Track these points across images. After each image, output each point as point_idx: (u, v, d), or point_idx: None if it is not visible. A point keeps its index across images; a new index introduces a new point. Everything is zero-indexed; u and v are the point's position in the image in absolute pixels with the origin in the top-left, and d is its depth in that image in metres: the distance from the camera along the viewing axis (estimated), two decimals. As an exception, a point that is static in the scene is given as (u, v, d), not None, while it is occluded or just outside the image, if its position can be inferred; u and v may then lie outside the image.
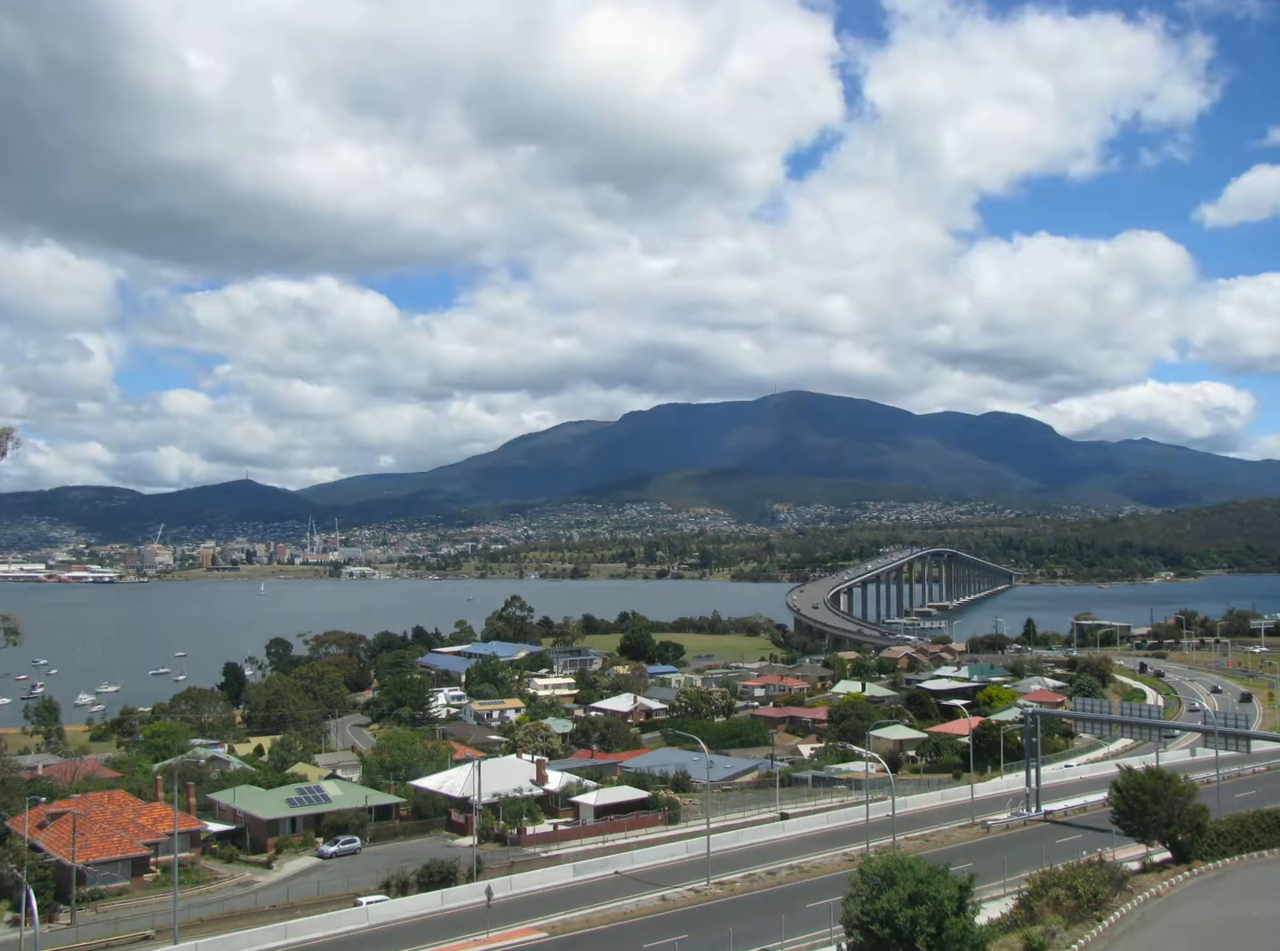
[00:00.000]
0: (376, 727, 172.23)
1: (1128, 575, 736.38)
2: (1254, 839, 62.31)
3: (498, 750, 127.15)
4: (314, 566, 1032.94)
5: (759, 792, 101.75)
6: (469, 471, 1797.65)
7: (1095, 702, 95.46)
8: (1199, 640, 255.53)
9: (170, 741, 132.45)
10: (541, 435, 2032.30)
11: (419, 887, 66.52)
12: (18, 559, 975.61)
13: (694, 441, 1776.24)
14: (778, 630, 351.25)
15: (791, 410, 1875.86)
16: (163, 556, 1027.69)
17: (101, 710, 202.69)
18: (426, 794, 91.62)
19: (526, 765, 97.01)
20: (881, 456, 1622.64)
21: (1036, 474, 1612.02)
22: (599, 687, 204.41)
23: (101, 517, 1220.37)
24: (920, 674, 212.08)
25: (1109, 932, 48.16)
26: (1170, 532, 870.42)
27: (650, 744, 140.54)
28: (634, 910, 61.08)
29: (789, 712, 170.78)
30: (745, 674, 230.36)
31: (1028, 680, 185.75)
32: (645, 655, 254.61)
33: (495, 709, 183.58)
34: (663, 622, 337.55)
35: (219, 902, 68.00)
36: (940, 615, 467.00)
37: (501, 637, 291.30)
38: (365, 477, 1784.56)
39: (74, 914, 66.05)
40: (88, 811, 75.13)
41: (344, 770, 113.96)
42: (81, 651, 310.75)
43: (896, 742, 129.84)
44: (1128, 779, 63.45)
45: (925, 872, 40.97)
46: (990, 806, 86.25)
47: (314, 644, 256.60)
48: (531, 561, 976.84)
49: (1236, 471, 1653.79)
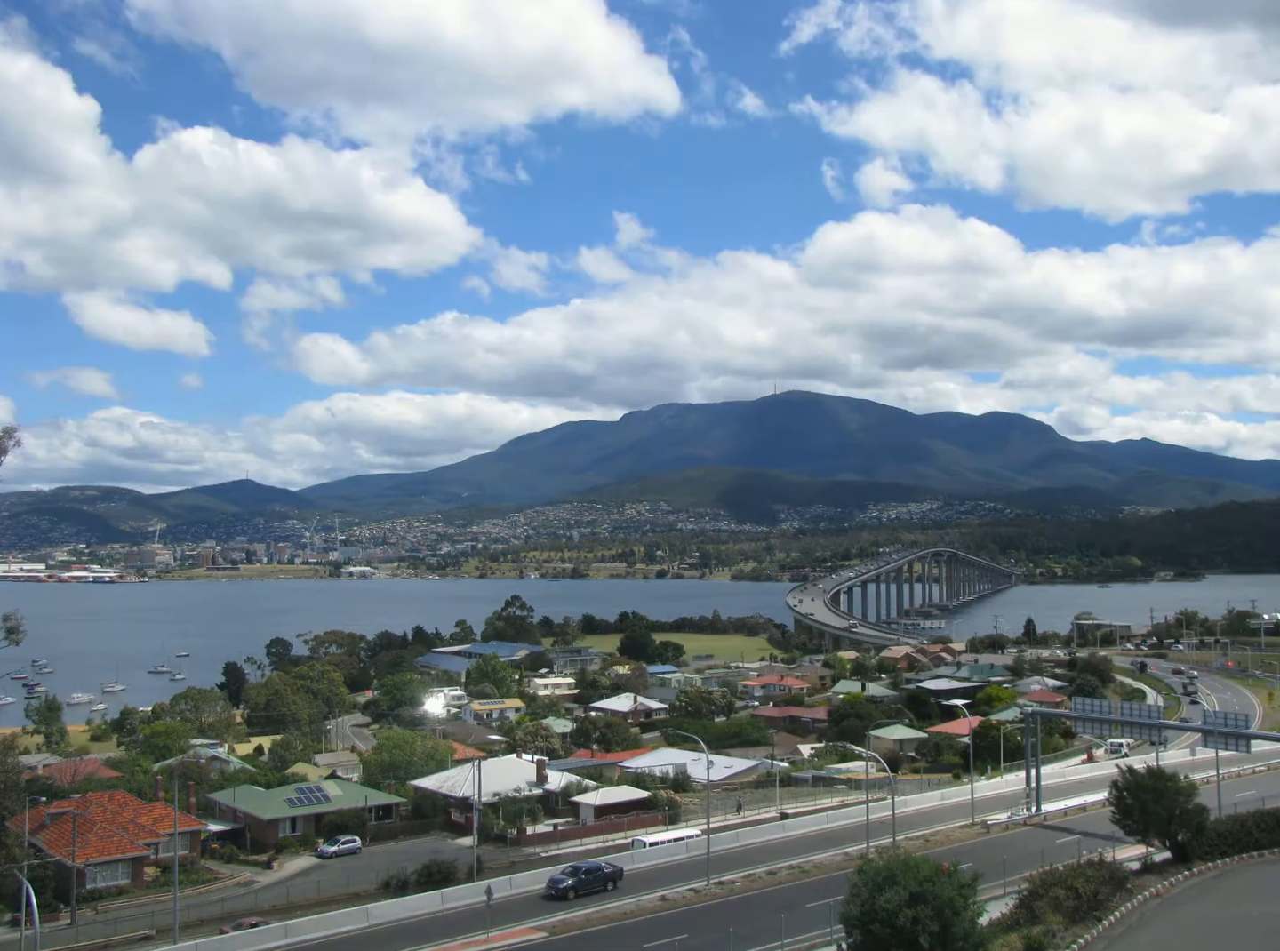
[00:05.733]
0: (376, 727, 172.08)
1: (1128, 575, 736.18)
2: (1254, 839, 62.31)
3: (498, 750, 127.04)
4: (314, 566, 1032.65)
5: (759, 792, 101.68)
6: (469, 471, 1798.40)
7: (1095, 702, 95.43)
8: (1199, 640, 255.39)
9: (170, 741, 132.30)
10: (541, 435, 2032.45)
11: (419, 887, 66.50)
12: (18, 559, 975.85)
13: (695, 441, 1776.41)
14: (778, 630, 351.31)
15: (792, 410, 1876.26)
16: (163, 556, 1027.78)
17: (102, 710, 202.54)
18: (426, 794, 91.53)
19: (526, 765, 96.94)
20: (882, 456, 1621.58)
21: (1036, 474, 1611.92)
22: (599, 687, 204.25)
23: (101, 517, 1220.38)
24: (920, 674, 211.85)
25: (1109, 932, 48.19)
26: (1170, 532, 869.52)
27: (650, 744, 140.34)
28: (634, 910, 61.09)
29: (789, 712, 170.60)
30: (745, 674, 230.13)
31: (1028, 680, 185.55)
32: (645, 655, 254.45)
33: (495, 709, 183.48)
34: (663, 622, 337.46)
35: (219, 902, 67.96)
36: (940, 615, 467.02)
37: (501, 637, 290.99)
38: (365, 477, 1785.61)
39: (74, 914, 66.00)
40: (88, 811, 75.07)
41: (344, 770, 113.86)
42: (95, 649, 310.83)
43: (896, 742, 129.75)
44: (1128, 779, 63.47)
45: (928, 872, 41.00)
46: (990, 806, 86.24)
47: (314, 644, 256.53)
48: (531, 561, 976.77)
49: (1236, 471, 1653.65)
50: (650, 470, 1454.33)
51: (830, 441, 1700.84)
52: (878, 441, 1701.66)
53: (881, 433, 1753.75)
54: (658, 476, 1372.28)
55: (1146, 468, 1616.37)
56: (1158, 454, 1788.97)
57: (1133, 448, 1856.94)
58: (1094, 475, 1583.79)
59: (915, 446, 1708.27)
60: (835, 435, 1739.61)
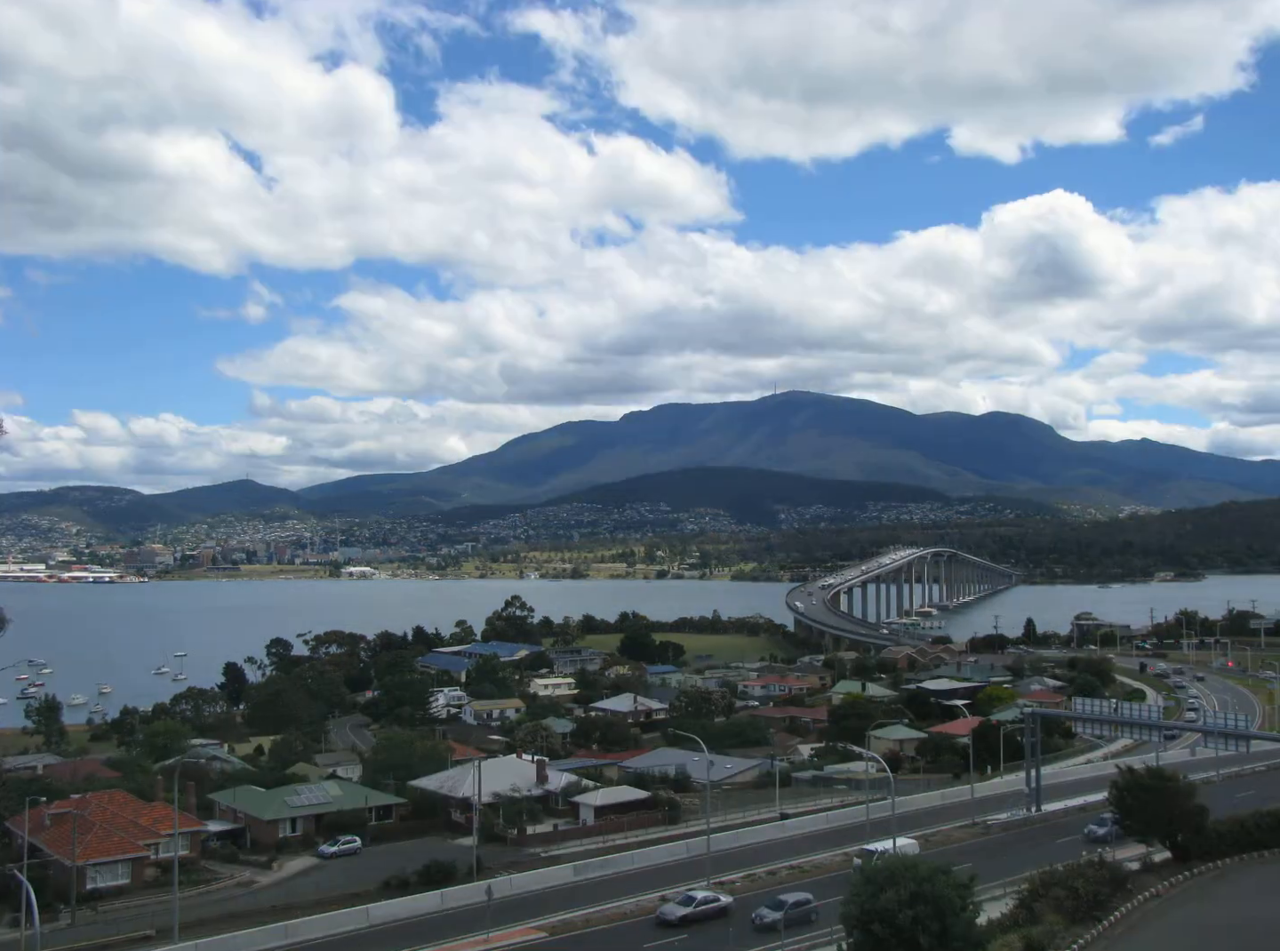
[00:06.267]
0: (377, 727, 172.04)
1: (1128, 575, 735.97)
2: (1254, 839, 62.32)
3: (498, 750, 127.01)
4: (314, 566, 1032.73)
5: (759, 792, 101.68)
6: (469, 471, 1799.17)
7: (1095, 702, 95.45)
8: (1199, 640, 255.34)
9: (170, 741, 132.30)
10: (542, 435, 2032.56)
11: (419, 887, 66.50)
12: (18, 559, 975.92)
13: (694, 441, 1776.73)
14: (778, 630, 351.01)
15: (791, 410, 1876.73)
16: (163, 556, 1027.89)
17: (100, 711, 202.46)
18: (426, 794, 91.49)
19: (526, 765, 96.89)
20: (880, 456, 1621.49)
21: (1036, 474, 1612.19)
22: (599, 687, 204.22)
23: (102, 517, 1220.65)
24: (920, 674, 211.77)
25: (1109, 932, 48.19)
26: (1170, 532, 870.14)
27: (650, 744, 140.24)
28: (634, 910, 61.10)
29: (789, 712, 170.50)
30: (745, 674, 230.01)
31: (1028, 680, 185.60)
32: (645, 655, 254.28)
33: (495, 709, 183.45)
34: (663, 622, 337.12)
35: (219, 902, 67.96)
36: (940, 615, 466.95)
37: (501, 637, 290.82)
38: (365, 477, 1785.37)
39: (74, 914, 65.98)
40: (88, 811, 75.06)
41: (344, 770, 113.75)
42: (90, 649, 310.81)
43: (896, 742, 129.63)
44: (1128, 779, 63.48)
45: (927, 872, 41.05)
46: (990, 806, 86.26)
47: (314, 644, 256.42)
48: (531, 561, 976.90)
49: (1236, 471, 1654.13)
50: (650, 470, 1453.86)
51: (830, 441, 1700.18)
52: (878, 441, 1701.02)
53: (882, 432, 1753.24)
54: (658, 476, 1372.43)
55: (1146, 468, 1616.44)
56: (1158, 454, 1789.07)
57: (1133, 448, 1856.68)
58: (1094, 475, 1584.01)
59: (915, 446, 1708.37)
60: (835, 435, 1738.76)
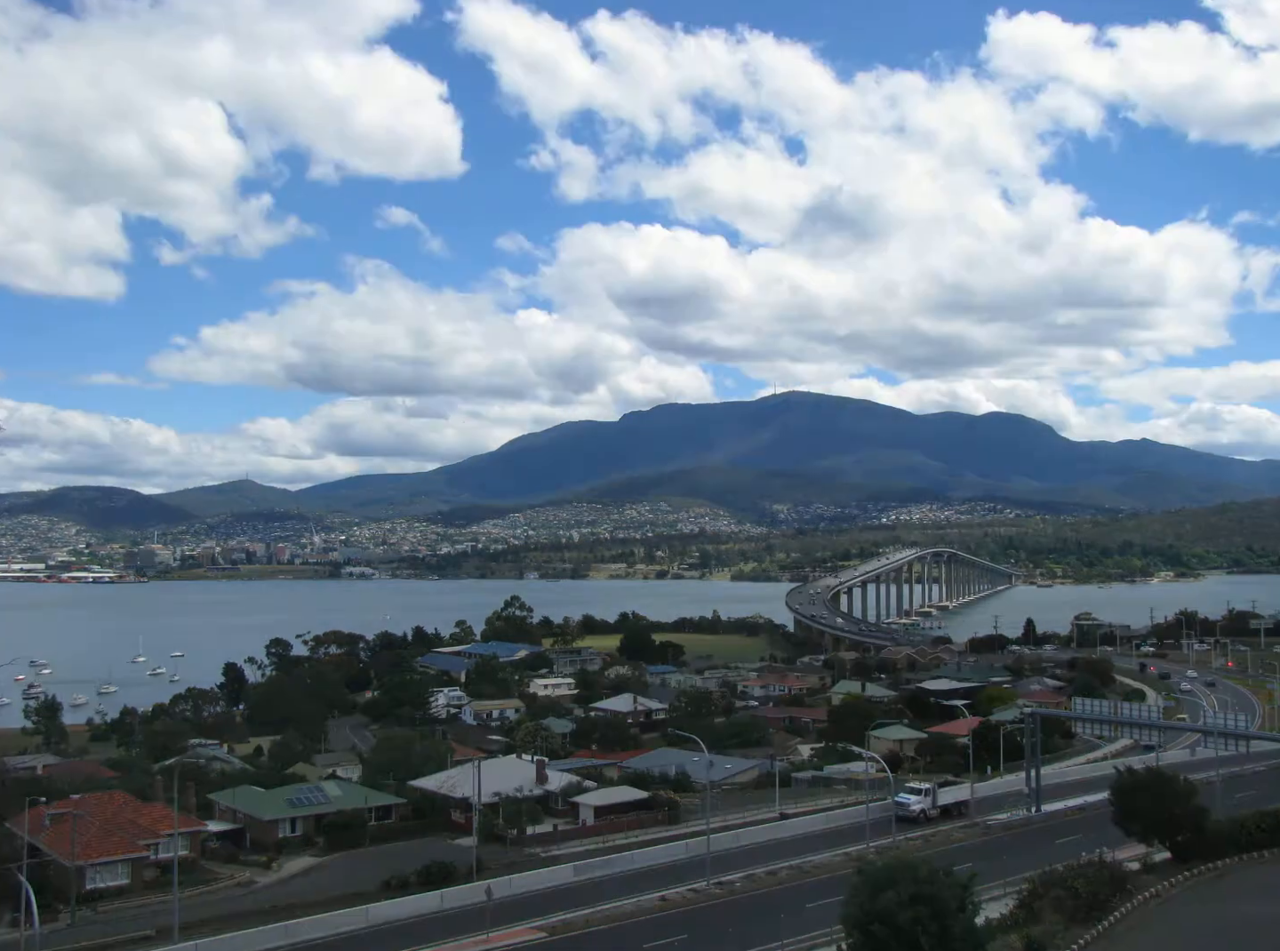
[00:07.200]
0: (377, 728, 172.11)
1: (1128, 575, 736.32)
2: (1254, 839, 62.33)
3: (498, 750, 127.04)
4: (314, 566, 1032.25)
5: (759, 792, 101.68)
6: (470, 471, 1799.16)
7: (1095, 703, 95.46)
8: (1199, 640, 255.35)
9: (170, 741, 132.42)
10: (542, 435, 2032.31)
11: (419, 887, 66.47)
12: (18, 559, 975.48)
13: (694, 441, 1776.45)
14: (778, 630, 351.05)
15: (791, 410, 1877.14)
16: (163, 556, 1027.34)
17: (101, 712, 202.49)
18: (426, 794, 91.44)
19: (526, 765, 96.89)
20: (880, 456, 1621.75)
21: (1036, 474, 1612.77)
22: (599, 688, 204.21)
23: (101, 517, 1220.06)
24: (920, 674, 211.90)
25: (1109, 932, 48.20)
26: (1170, 532, 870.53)
27: (650, 744, 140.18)
28: (634, 910, 61.08)
29: (789, 712, 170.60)
30: (745, 674, 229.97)
31: (1028, 680, 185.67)
32: (645, 655, 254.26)
33: (495, 709, 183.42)
34: (663, 622, 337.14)
35: (219, 903, 67.92)
36: (940, 615, 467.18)
37: (501, 638, 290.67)
38: (365, 477, 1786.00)
39: (74, 914, 65.97)
40: (88, 811, 75.02)
41: (344, 770, 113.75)
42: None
43: (896, 743, 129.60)
44: (1127, 779, 63.48)
45: (927, 873, 41.00)
46: (990, 806, 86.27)
47: (314, 644, 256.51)
48: (531, 561, 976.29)
49: (1236, 471, 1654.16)
50: (650, 470, 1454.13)
51: (831, 441, 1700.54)
52: (877, 441, 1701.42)
53: (881, 433, 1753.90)
54: (658, 476, 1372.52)
55: (1146, 468, 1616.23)
56: (1158, 454, 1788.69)
57: (1132, 448, 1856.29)
58: (1094, 475, 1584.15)
59: (915, 446, 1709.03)
60: (835, 435, 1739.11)
